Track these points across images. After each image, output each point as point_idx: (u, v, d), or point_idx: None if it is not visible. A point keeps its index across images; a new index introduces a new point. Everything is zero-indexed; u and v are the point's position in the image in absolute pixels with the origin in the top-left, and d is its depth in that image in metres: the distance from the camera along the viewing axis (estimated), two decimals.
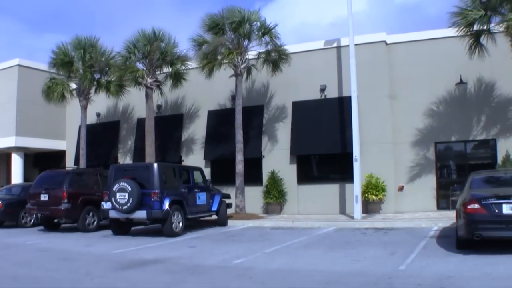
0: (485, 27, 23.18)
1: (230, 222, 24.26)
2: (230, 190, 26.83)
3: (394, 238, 17.89)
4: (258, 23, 26.93)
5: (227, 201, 24.75)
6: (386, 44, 27.91)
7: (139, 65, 28.62)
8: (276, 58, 27.42)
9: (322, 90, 28.09)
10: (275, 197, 27.83)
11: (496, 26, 23.16)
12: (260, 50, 27.51)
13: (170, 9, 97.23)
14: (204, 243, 18.09)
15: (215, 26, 26.76)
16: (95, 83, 30.56)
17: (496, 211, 13.21)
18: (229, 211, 24.99)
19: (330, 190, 27.44)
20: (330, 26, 69.48)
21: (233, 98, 28.29)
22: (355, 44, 25.06)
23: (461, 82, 26.20)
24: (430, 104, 27.03)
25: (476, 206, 13.41)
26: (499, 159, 25.27)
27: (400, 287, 10.36)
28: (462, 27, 23.16)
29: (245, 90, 29.25)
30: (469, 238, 13.63)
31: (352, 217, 24.12)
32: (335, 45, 28.43)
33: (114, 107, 34.50)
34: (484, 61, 24.59)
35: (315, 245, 17.04)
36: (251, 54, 27.50)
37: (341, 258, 13.89)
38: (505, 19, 21.83)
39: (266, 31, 26.78)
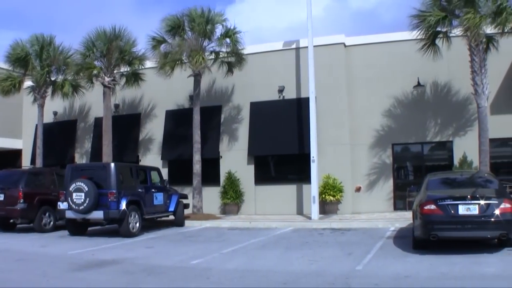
0: (443, 29, 23.48)
1: (187, 222, 24.19)
2: (188, 191, 26.76)
3: (351, 239, 17.99)
4: (221, 25, 26.98)
5: (185, 201, 24.71)
6: (345, 46, 28.02)
7: (98, 64, 28.28)
8: (233, 60, 27.43)
9: (280, 91, 28.10)
10: (232, 197, 27.77)
11: (454, 29, 23.49)
12: (219, 50, 27.47)
13: (130, 11, 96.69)
14: (161, 244, 18.06)
15: (175, 26, 26.61)
16: (52, 81, 30.11)
17: (452, 212, 13.43)
18: (187, 211, 24.94)
19: (287, 191, 27.45)
20: (286, 30, 69.84)
21: (191, 98, 28.13)
22: (314, 46, 25.14)
23: (418, 84, 26.45)
24: (387, 106, 27.25)
25: (433, 207, 13.64)
26: (456, 161, 25.56)
27: (357, 287, 10.40)
28: (422, 30, 23.40)
29: (204, 90, 29.13)
30: (426, 239, 13.87)
31: (310, 218, 24.19)
32: (294, 46, 28.47)
33: (71, 106, 34.08)
34: (441, 64, 24.98)
35: (273, 245, 17.06)
36: (209, 53, 27.36)
37: (299, 259, 13.94)
38: (463, 20, 22.11)
39: (230, 34, 26.77)
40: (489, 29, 22.66)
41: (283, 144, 27.73)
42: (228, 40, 26.92)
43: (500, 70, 25.59)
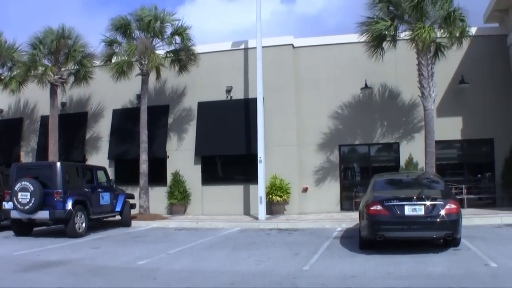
0: (391, 33, 23.74)
1: (134, 222, 24.02)
2: (134, 190, 26.52)
3: (298, 239, 18.04)
4: (170, 24, 26.86)
5: (131, 201, 24.50)
6: (293, 47, 28.12)
7: (45, 61, 27.84)
8: (184, 59, 27.26)
9: (228, 91, 28.05)
10: (179, 197, 27.64)
11: (402, 33, 23.81)
12: (169, 50, 27.38)
13: (77, 13, 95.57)
14: (107, 244, 17.87)
15: (122, 26, 26.39)
16: None
17: (398, 212, 13.55)
18: (133, 211, 24.76)
19: (234, 191, 27.44)
20: (232, 33, 70.04)
21: (139, 97, 27.86)
22: (263, 47, 25.18)
23: (366, 86, 26.73)
24: (335, 108, 27.46)
25: (379, 207, 13.75)
26: (402, 162, 25.92)
27: (304, 287, 10.40)
28: (368, 35, 23.66)
29: (152, 90, 28.92)
30: (372, 239, 13.98)
31: (257, 218, 24.21)
32: (242, 46, 28.46)
33: (17, 103, 33.45)
34: (388, 66, 25.42)
35: (220, 245, 17.03)
36: (159, 52, 27.16)
37: (246, 259, 13.94)
38: (412, 28, 22.47)
39: (180, 31, 26.70)
40: (438, 34, 22.99)
41: (230, 145, 27.71)
42: (178, 38, 26.91)
43: (446, 73, 26.15)
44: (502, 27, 27.14)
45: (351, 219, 21.35)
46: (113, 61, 27.01)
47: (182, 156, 28.65)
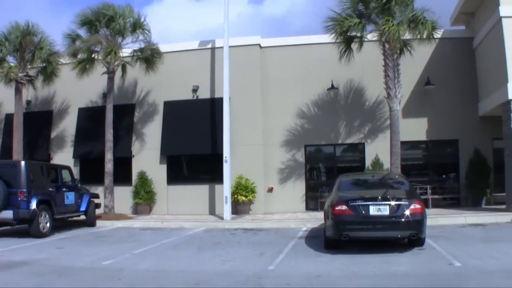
0: (358, 34, 23.88)
1: (99, 222, 23.81)
2: (99, 190, 26.29)
3: (264, 239, 18.03)
4: (132, 19, 26.64)
5: (96, 201, 24.25)
6: (260, 47, 28.17)
7: (11, 59, 27.48)
8: (149, 56, 27.11)
9: (195, 90, 27.96)
10: (144, 197, 27.50)
11: (369, 34, 23.94)
12: (134, 48, 27.18)
13: (43, 12, 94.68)
14: (72, 244, 17.68)
15: (88, 22, 26.19)
16: None
17: (363, 212, 13.59)
18: (98, 211, 24.53)
19: (200, 191, 27.40)
20: (199, 34, 70.05)
21: (105, 95, 27.62)
22: (230, 46, 25.17)
23: (332, 87, 26.87)
24: (301, 108, 27.58)
25: (344, 207, 13.77)
26: (368, 162, 26.09)
27: (270, 287, 10.39)
28: (336, 33, 23.75)
29: (117, 88, 28.70)
30: (337, 239, 14.00)
31: (222, 218, 24.18)
32: (209, 46, 28.41)
33: None
34: (355, 67, 25.60)
35: (185, 245, 16.97)
36: (125, 51, 27.05)
37: (211, 259, 13.89)
38: (379, 28, 22.60)
39: (138, 25, 26.57)
40: (404, 35, 23.14)
41: (196, 144, 27.64)
42: (139, 33, 26.79)
43: (412, 75, 26.45)
44: (469, 30, 27.49)
45: (316, 219, 21.43)
46: (78, 60, 26.69)
47: (147, 155, 28.51)
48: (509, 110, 22.25)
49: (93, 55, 26.51)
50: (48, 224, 19.78)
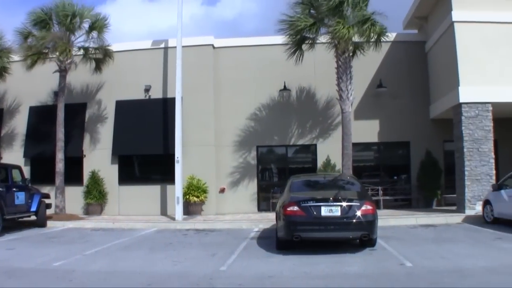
0: (311, 36, 24.00)
1: (49, 223, 23.50)
2: (50, 190, 25.90)
3: (215, 240, 18.03)
4: (89, 20, 26.33)
5: (47, 201, 23.96)
6: (214, 47, 28.10)
7: None
8: (101, 56, 26.89)
9: (147, 90, 27.78)
10: (96, 197, 27.21)
11: (321, 36, 24.07)
12: (88, 46, 26.87)
13: None
14: (23, 245, 17.45)
15: (40, 20, 25.79)
16: None
17: (315, 213, 13.69)
18: (49, 211, 24.22)
19: (152, 191, 27.19)
20: (150, 35, 70.02)
21: (56, 94, 27.23)
22: (183, 46, 25.10)
23: (284, 88, 26.94)
24: (254, 109, 27.63)
25: (295, 208, 13.86)
26: (320, 163, 26.19)
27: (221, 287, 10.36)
28: (289, 36, 23.83)
29: (69, 87, 28.29)
30: (289, 239, 14.09)
31: (174, 219, 24.09)
32: (162, 45, 28.25)
33: None
34: (307, 68, 25.83)
35: (136, 246, 16.87)
36: (76, 49, 26.69)
37: (163, 260, 13.86)
38: (332, 30, 22.73)
39: (96, 25, 26.26)
40: (356, 38, 23.32)
41: (148, 144, 27.47)
42: (95, 34, 26.43)
43: (365, 77, 26.76)
44: (421, 34, 27.90)
45: (268, 219, 21.50)
46: (29, 54, 26.23)
47: (99, 155, 28.21)
48: (460, 113, 22.63)
49: (45, 51, 26.07)
50: None
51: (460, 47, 22.79)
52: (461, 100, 22.50)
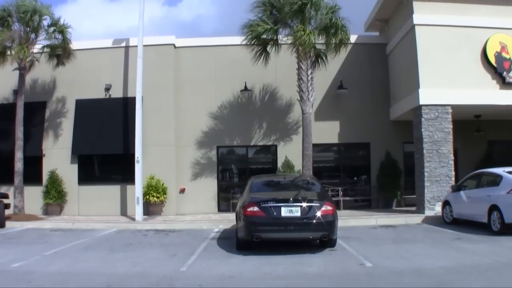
0: (273, 37, 24.09)
1: (8, 223, 23.18)
2: (9, 190, 25.68)
3: (175, 240, 18.00)
4: (49, 17, 26.08)
5: (5, 201, 23.63)
6: (175, 47, 28.01)
7: None
8: (62, 54, 26.58)
9: (108, 89, 27.57)
10: (55, 197, 26.92)
11: (284, 38, 24.19)
12: (49, 44, 26.55)
13: None
14: None
15: (1, 17, 25.42)
16: None
17: (275, 213, 13.75)
18: (7, 211, 23.87)
19: (112, 191, 26.99)
20: (111, 35, 69.83)
21: (16, 92, 26.89)
22: (144, 45, 24.99)
23: (246, 88, 26.95)
24: (214, 109, 27.63)
25: (256, 209, 13.91)
26: (280, 164, 26.28)
27: None
28: (251, 38, 23.90)
29: (29, 85, 27.96)
30: (249, 240, 14.12)
31: (134, 219, 23.98)
32: (123, 44, 28.06)
33: None
34: (269, 69, 25.87)
35: (96, 247, 16.76)
36: (38, 48, 26.44)
37: (122, 261, 13.79)
38: (293, 32, 22.91)
39: (56, 23, 26.02)
40: (319, 40, 23.48)
41: (108, 144, 27.29)
42: (56, 33, 26.13)
43: (326, 78, 26.98)
44: (382, 36, 28.15)
45: (229, 220, 21.50)
46: None
47: (58, 154, 27.90)
48: (420, 115, 22.92)
49: (5, 50, 25.74)
50: None
51: (421, 50, 23.09)
52: (421, 102, 22.79)
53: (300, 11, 22.90)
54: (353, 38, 26.01)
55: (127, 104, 27.09)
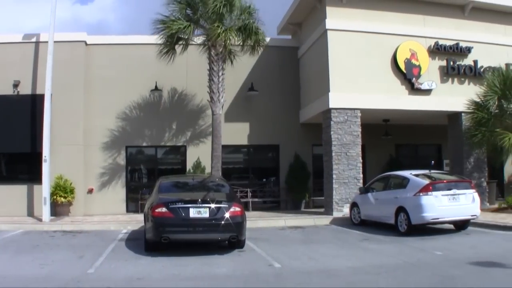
0: (185, 37, 24.04)
1: None
2: None
3: (83, 241, 17.78)
4: None
5: None
6: (86, 44, 27.57)
7: None
8: None
9: (16, 85, 26.85)
10: None
11: (196, 37, 24.23)
12: None
13: None
14: None
15: None
16: None
17: (183, 214, 13.84)
18: None
19: (18, 191, 26.28)
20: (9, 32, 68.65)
21: None
22: (55, 41, 24.57)
23: (156, 88, 26.82)
24: (124, 108, 27.38)
25: (164, 210, 13.96)
26: (190, 165, 26.28)
27: None
28: (163, 35, 23.82)
29: None
30: (157, 241, 14.13)
31: (41, 220, 23.50)
32: (34, 40, 27.30)
33: None
34: (180, 69, 26.01)
35: (1, 249, 16.38)
36: None
37: (29, 263, 13.53)
38: (206, 32, 22.94)
39: None
40: (232, 41, 23.60)
41: (15, 142, 26.66)
42: None
43: (237, 80, 27.17)
44: (295, 40, 28.57)
45: (137, 221, 21.43)
46: None
47: None
48: (329, 118, 23.37)
49: None
50: None
51: (332, 54, 23.53)
52: (331, 106, 23.22)
53: (215, 12, 22.94)
54: (266, 40, 26.24)
55: (35, 102, 26.50)
